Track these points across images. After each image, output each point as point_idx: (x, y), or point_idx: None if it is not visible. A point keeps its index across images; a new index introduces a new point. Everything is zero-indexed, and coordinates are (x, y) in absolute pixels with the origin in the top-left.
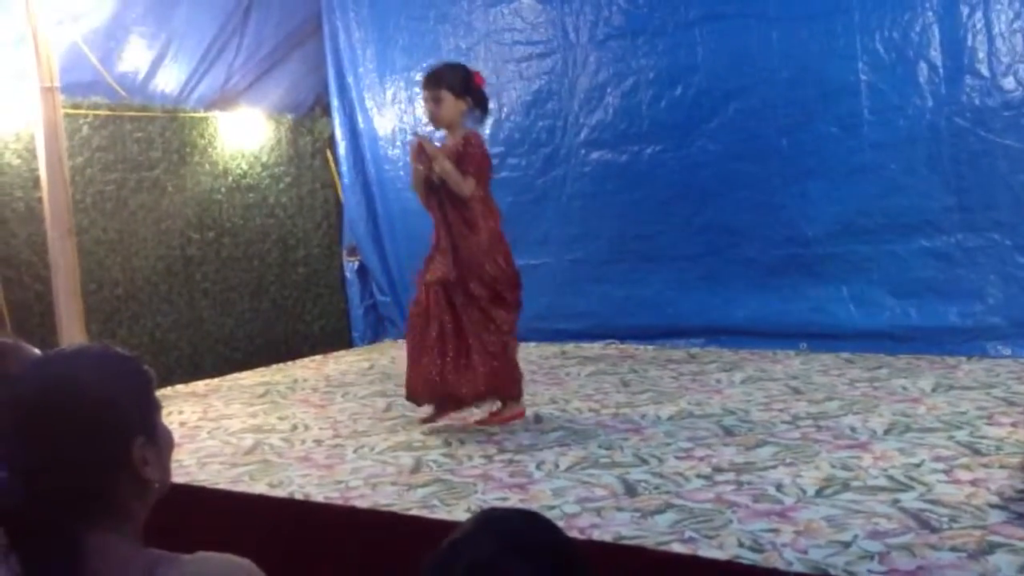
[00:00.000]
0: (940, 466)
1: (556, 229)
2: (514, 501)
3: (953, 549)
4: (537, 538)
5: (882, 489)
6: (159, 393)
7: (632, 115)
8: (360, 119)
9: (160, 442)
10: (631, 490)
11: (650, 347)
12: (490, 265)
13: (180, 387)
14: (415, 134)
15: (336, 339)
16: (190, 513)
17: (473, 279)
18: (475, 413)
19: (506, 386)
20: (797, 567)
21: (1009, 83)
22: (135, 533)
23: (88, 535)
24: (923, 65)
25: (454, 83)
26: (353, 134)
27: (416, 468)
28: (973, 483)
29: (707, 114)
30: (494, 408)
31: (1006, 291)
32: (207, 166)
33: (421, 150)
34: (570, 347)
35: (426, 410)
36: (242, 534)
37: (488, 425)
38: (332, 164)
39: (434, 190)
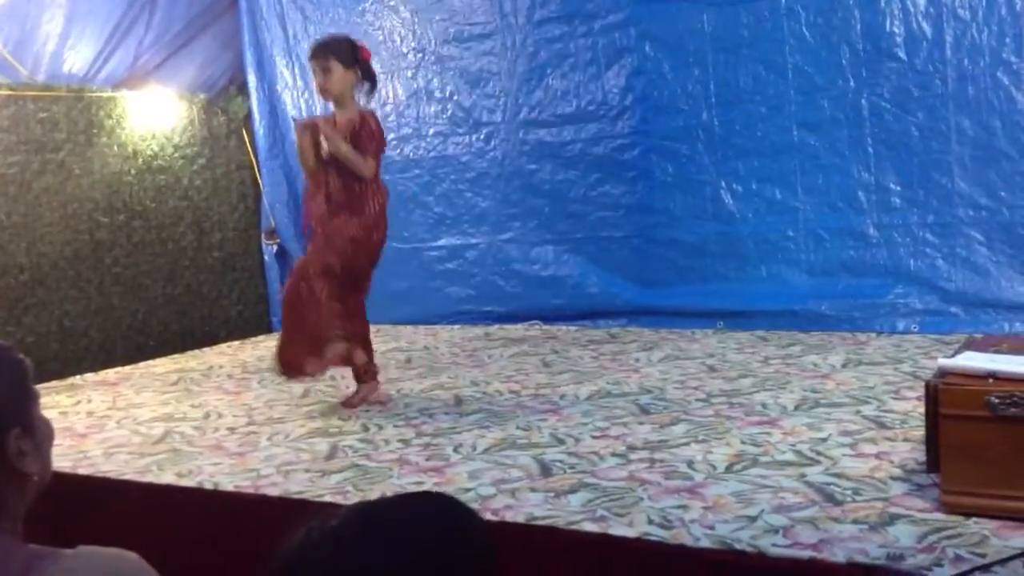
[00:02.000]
0: (846, 440)
1: (495, 209)
2: (429, 484)
3: (855, 521)
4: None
5: (789, 464)
6: (68, 382)
7: (569, 96)
8: (281, 98)
9: (38, 433)
10: (546, 470)
11: (572, 328)
12: (364, 245)
13: (90, 376)
14: (303, 118)
15: (254, 324)
16: (95, 505)
17: (334, 256)
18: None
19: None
20: (704, 542)
21: (923, 65)
22: (13, 528)
23: None
24: (845, 48)
25: (342, 54)
26: (272, 114)
27: (331, 454)
28: (877, 456)
29: (640, 95)
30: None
31: (917, 269)
32: (116, 147)
33: (309, 130)
34: (494, 329)
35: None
36: (149, 525)
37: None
38: (249, 145)
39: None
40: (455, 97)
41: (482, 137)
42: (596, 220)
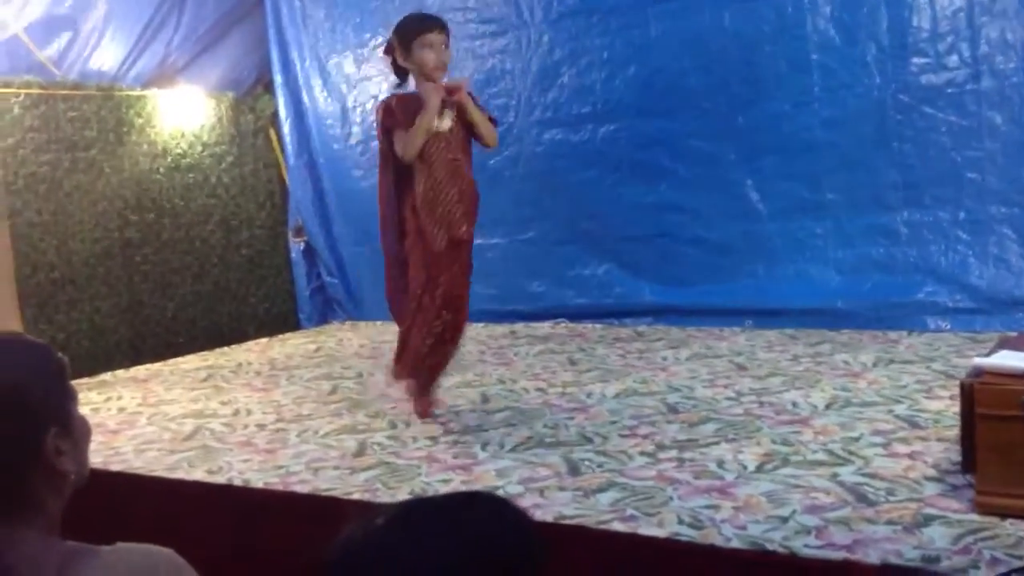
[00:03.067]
0: (879, 440)
1: (510, 210)
2: (457, 483)
3: (889, 522)
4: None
5: (821, 464)
6: (98, 379)
7: (586, 94)
8: (305, 97)
9: (75, 432)
10: (574, 469)
11: (599, 326)
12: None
13: (120, 373)
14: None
15: (282, 322)
16: (126, 501)
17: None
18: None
19: None
20: (735, 543)
21: (952, 61)
22: (50, 526)
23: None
24: (871, 44)
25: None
26: (298, 112)
27: (360, 451)
28: (911, 456)
29: (660, 93)
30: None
31: (948, 267)
32: (145, 146)
33: (451, 94)
34: (519, 327)
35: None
36: (180, 522)
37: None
38: (276, 143)
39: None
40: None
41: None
42: (618, 220)
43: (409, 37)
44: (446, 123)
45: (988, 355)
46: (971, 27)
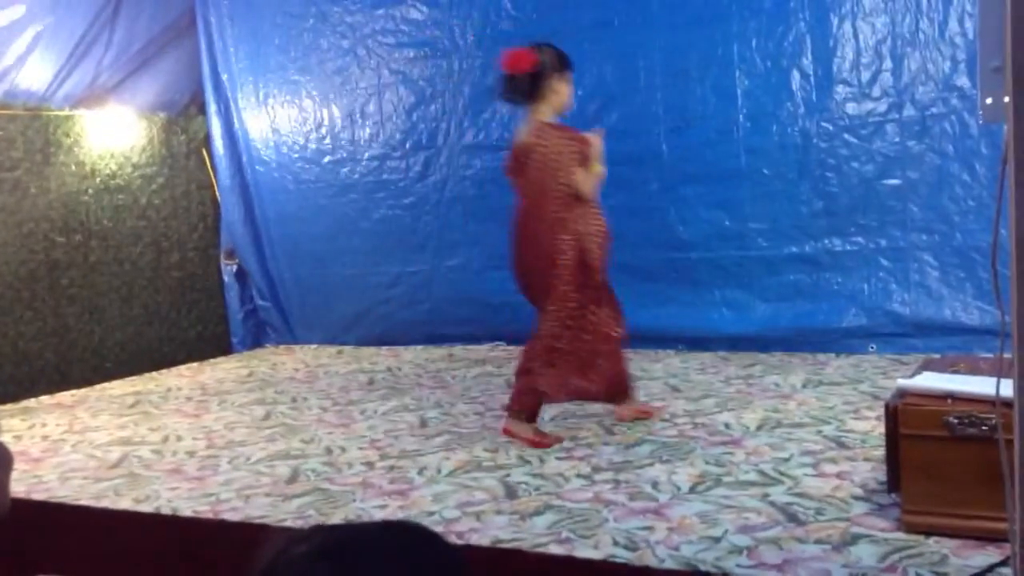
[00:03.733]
0: (808, 460)
1: (435, 234)
2: (393, 508)
3: (818, 541)
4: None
5: (753, 484)
6: (22, 405)
7: (517, 120)
8: (236, 119)
9: None
10: (511, 492)
11: None
12: None
13: (45, 399)
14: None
15: (214, 345)
16: (51, 531)
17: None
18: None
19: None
20: (669, 563)
21: (875, 91)
22: None
23: None
24: (796, 73)
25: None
26: (230, 134)
27: (293, 478)
28: (839, 476)
29: (590, 119)
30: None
31: (872, 293)
32: (73, 166)
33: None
34: (457, 349)
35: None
36: (107, 551)
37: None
38: (208, 164)
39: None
40: (394, 119)
41: (420, 161)
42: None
43: (564, 66)
44: None
45: (911, 377)
46: (893, 57)
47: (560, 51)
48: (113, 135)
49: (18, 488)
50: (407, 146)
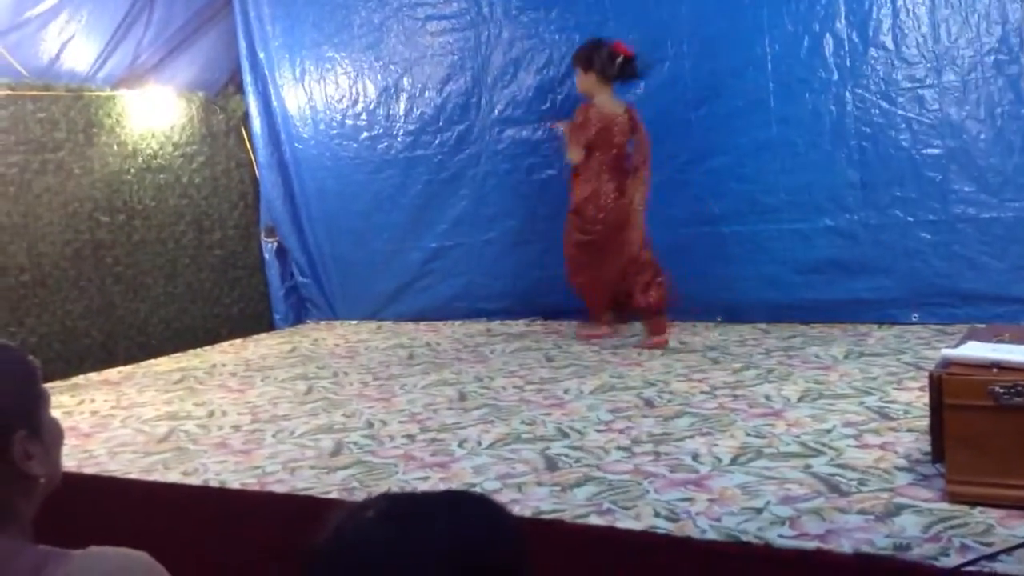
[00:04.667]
0: (850, 431)
1: (471, 209)
2: (435, 480)
3: (861, 512)
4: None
5: (794, 455)
6: (71, 382)
7: (545, 90)
8: (273, 97)
9: (46, 436)
10: (552, 464)
11: (574, 322)
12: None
13: (92, 375)
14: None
15: (256, 322)
16: (101, 504)
17: None
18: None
19: None
20: (710, 535)
21: (912, 55)
22: (22, 530)
23: None
24: (828, 38)
25: (579, 60)
26: (268, 112)
27: (336, 451)
28: (882, 447)
29: (618, 90)
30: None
31: (910, 266)
32: (115, 146)
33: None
34: (495, 324)
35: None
36: (156, 524)
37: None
38: (247, 143)
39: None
40: (426, 94)
41: (454, 136)
42: None
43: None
44: None
45: (956, 347)
46: (932, 21)
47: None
48: (154, 115)
49: (69, 463)
50: (440, 121)
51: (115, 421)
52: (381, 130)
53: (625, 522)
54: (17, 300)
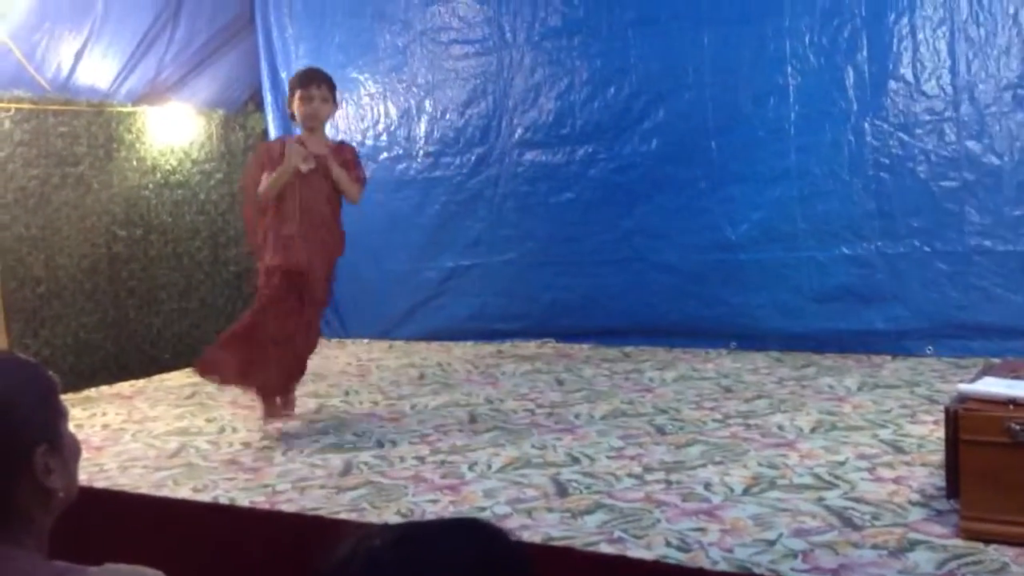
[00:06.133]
0: (864, 464)
1: (488, 230)
2: (445, 503)
3: (875, 547)
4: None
5: (807, 487)
6: (83, 395)
7: (566, 116)
8: None
9: (65, 450)
10: (562, 490)
11: (585, 346)
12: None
13: (104, 388)
14: (294, 139)
15: None
16: (110, 519)
17: (323, 276)
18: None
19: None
20: (723, 566)
21: (932, 88)
22: (38, 544)
23: None
24: (850, 70)
25: (334, 89)
26: (286, 130)
27: (346, 470)
28: (896, 481)
29: (638, 116)
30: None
31: (926, 297)
32: (135, 162)
33: (300, 151)
34: (506, 346)
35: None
36: (164, 540)
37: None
38: None
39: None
40: (447, 116)
41: (474, 158)
42: (594, 243)
43: (291, 89)
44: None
45: (972, 381)
46: (951, 54)
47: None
48: (173, 131)
49: (80, 476)
50: (460, 143)
51: (126, 435)
52: (401, 151)
53: (636, 551)
54: (33, 312)
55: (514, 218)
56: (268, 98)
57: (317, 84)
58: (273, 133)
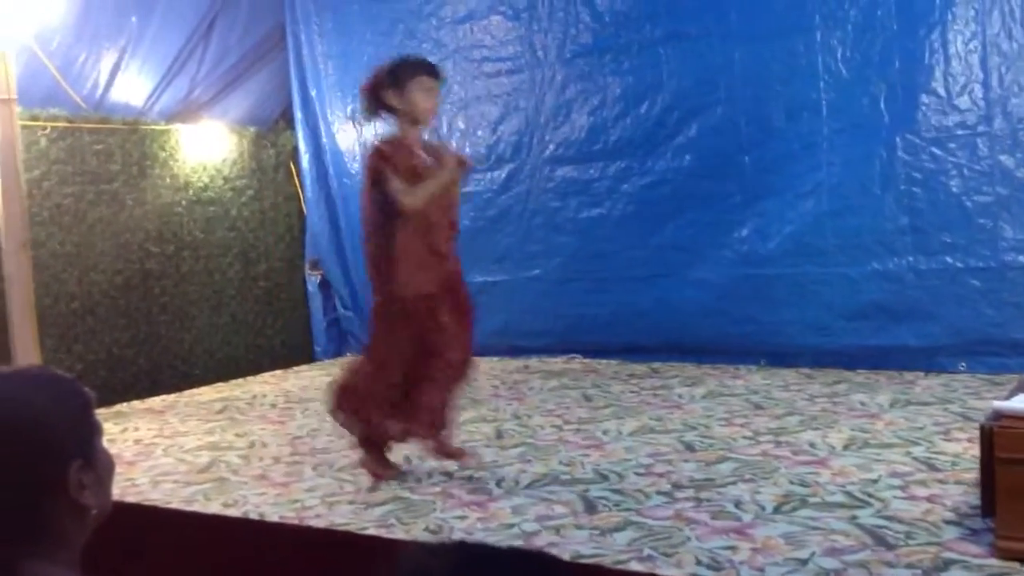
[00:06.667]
0: (897, 482)
1: (516, 246)
2: (473, 519)
3: (909, 566)
4: None
5: (840, 505)
6: (115, 410)
7: (598, 132)
8: (323, 133)
9: (99, 466)
10: (591, 507)
11: (613, 362)
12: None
13: (136, 403)
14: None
15: (298, 354)
16: (142, 533)
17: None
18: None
19: None
20: None
21: (964, 102)
22: (71, 560)
23: (20, 563)
24: (882, 84)
25: None
26: (316, 148)
27: (375, 486)
28: (929, 499)
29: (671, 132)
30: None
31: (958, 313)
32: (168, 179)
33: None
34: (533, 361)
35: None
36: (195, 555)
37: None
38: (295, 177)
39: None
40: (479, 133)
41: (504, 174)
42: (624, 259)
43: (405, 76)
44: None
45: (1007, 399)
46: (984, 68)
47: (406, 58)
48: (206, 148)
49: (113, 490)
50: (492, 159)
51: (158, 450)
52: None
53: (666, 569)
54: (67, 327)
55: (542, 234)
56: (298, 115)
57: (435, 75)
58: (303, 151)
